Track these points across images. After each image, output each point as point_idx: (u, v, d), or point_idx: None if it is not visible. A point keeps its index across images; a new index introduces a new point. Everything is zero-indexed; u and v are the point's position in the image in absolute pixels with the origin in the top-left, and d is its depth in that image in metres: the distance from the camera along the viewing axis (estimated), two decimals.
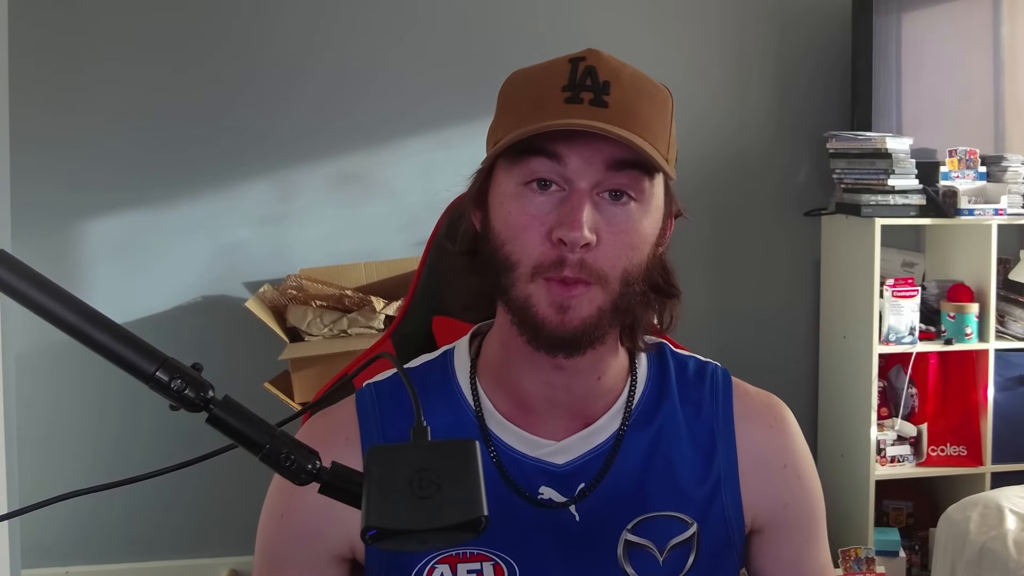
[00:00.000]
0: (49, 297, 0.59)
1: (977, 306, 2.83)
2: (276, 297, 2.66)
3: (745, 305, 3.17)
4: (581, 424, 0.93)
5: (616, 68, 0.86)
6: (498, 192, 0.88)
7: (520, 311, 0.85)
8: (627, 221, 0.85)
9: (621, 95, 0.84)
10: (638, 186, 0.85)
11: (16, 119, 2.29)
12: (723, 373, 1.00)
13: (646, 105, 0.86)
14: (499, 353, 0.93)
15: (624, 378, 0.96)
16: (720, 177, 3.11)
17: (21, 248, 2.56)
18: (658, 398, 0.96)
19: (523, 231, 0.84)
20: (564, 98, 0.84)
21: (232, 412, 0.62)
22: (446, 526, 0.58)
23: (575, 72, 0.85)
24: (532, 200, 0.84)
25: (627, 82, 0.86)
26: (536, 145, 0.83)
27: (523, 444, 0.92)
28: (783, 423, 0.99)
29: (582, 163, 0.83)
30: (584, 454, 0.91)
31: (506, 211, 0.86)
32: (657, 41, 3.08)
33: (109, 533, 2.89)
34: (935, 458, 2.90)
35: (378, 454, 0.62)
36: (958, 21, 3.01)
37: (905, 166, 2.78)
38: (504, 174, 0.87)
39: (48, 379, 2.83)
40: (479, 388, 0.94)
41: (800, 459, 0.99)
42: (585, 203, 0.82)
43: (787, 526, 0.97)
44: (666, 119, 0.89)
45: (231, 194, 2.92)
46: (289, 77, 2.92)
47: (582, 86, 0.84)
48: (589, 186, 0.83)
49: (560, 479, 0.91)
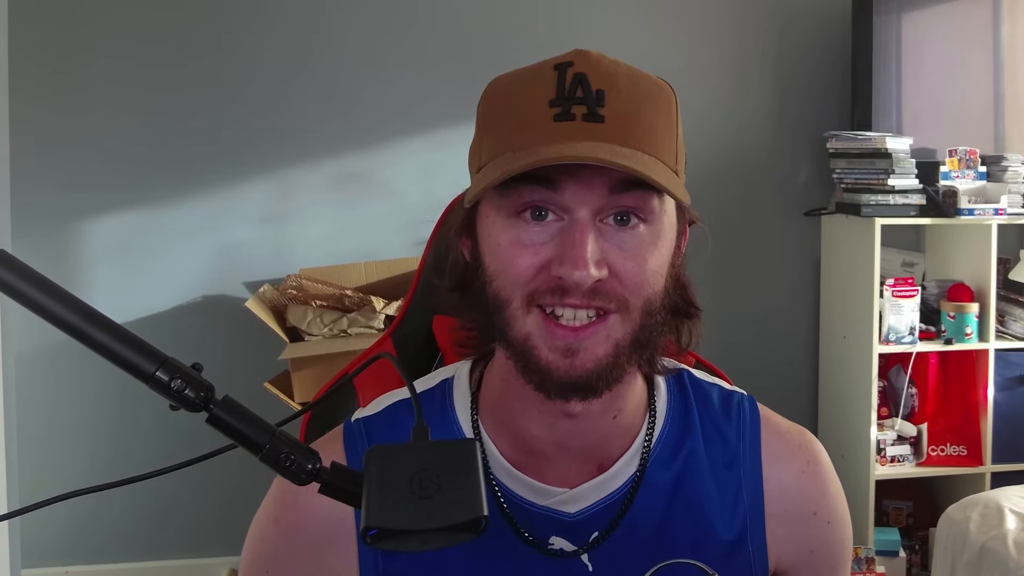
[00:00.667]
0: (49, 297, 0.59)
1: (977, 306, 2.83)
2: (276, 297, 2.66)
3: (745, 305, 3.17)
4: (595, 468, 0.84)
5: (610, 71, 0.75)
6: (486, 223, 0.77)
7: (520, 355, 0.75)
8: (639, 246, 0.74)
9: (618, 104, 0.73)
10: (647, 206, 0.74)
11: (16, 119, 2.29)
12: (750, 404, 0.91)
13: (648, 111, 0.75)
14: (501, 393, 0.83)
15: (643, 413, 0.86)
16: (720, 177, 3.11)
17: (21, 248, 2.56)
18: (680, 434, 0.87)
19: (513, 263, 0.74)
20: (553, 115, 0.73)
21: (232, 412, 0.62)
22: (446, 526, 0.58)
23: (563, 82, 0.73)
24: (525, 230, 0.74)
25: (624, 87, 0.75)
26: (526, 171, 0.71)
27: (531, 493, 0.83)
28: (817, 467, 0.90)
29: (580, 188, 0.72)
30: (598, 501, 0.83)
31: (495, 244, 0.75)
32: (657, 41, 3.08)
33: (109, 533, 2.89)
34: (935, 458, 2.90)
35: (378, 454, 0.62)
36: (958, 21, 3.01)
37: (905, 166, 2.78)
38: (491, 204, 0.76)
39: (48, 379, 2.83)
40: (482, 431, 0.85)
41: (832, 504, 0.90)
42: (588, 234, 0.72)
43: (811, 568, 0.91)
44: (671, 121, 0.78)
45: (231, 194, 2.92)
46: (289, 77, 2.92)
47: (572, 98, 0.73)
48: (591, 213, 0.73)
49: (572, 528, 0.83)
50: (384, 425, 0.87)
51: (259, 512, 0.88)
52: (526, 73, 0.77)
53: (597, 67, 0.75)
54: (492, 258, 0.76)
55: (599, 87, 0.74)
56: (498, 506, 0.83)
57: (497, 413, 0.85)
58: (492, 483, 0.84)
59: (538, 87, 0.75)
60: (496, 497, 0.83)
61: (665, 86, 0.80)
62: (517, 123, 0.75)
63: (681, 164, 0.79)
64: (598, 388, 0.75)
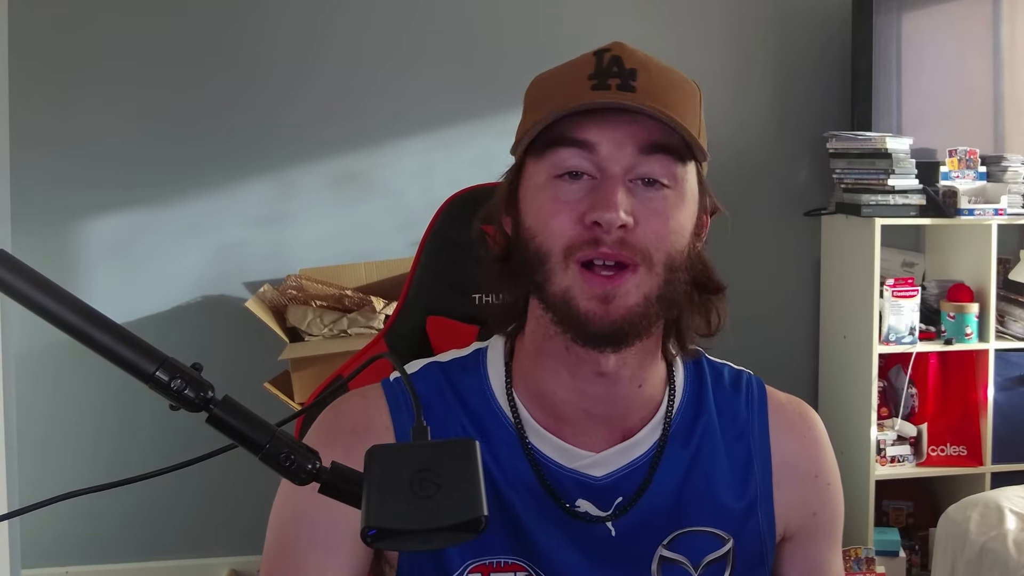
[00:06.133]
0: (49, 297, 0.59)
1: (977, 306, 2.83)
2: (276, 297, 2.66)
3: (745, 305, 3.16)
4: (620, 436, 0.89)
5: (643, 59, 0.84)
6: (528, 187, 0.86)
7: (560, 307, 0.82)
8: (664, 205, 0.82)
9: (649, 82, 0.82)
10: (671, 172, 0.83)
11: (16, 118, 2.29)
12: (757, 383, 0.98)
13: (675, 94, 0.84)
14: (533, 361, 0.90)
15: (663, 388, 0.93)
16: (720, 177, 3.07)
17: (21, 248, 2.56)
18: (696, 410, 0.93)
19: (553, 218, 0.82)
20: (591, 86, 0.82)
21: (232, 412, 0.62)
22: (446, 526, 0.58)
23: (601, 62, 0.83)
24: (563, 188, 0.82)
25: (655, 71, 0.84)
26: (564, 135, 0.82)
27: (560, 455, 0.88)
28: (816, 432, 0.98)
29: (613, 148, 0.81)
30: (623, 467, 0.89)
31: (537, 204, 0.84)
32: (657, 41, 3.07)
33: (109, 533, 2.89)
34: (935, 458, 2.90)
35: (378, 454, 0.62)
36: (958, 21, 3.01)
37: (905, 166, 2.78)
38: (533, 169, 0.85)
39: (48, 379, 2.83)
40: (515, 397, 0.91)
41: (830, 466, 0.98)
42: (619, 186, 0.80)
43: (814, 533, 0.97)
44: (695, 107, 0.87)
45: (231, 194, 2.92)
46: (288, 77, 2.92)
47: (608, 73, 0.82)
48: (622, 171, 0.81)
49: (597, 492, 0.88)
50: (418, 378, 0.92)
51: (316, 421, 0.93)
52: (568, 62, 0.87)
53: (632, 53, 0.85)
54: (534, 218, 0.84)
55: (632, 67, 0.83)
56: (532, 465, 0.88)
57: (528, 379, 0.90)
58: (527, 444, 0.89)
59: (579, 67, 0.84)
60: (530, 456, 0.88)
61: (692, 82, 0.89)
62: (559, 95, 0.83)
63: (705, 144, 0.87)
64: (629, 335, 0.82)
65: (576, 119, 0.82)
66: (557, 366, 0.87)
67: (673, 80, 0.85)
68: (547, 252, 0.82)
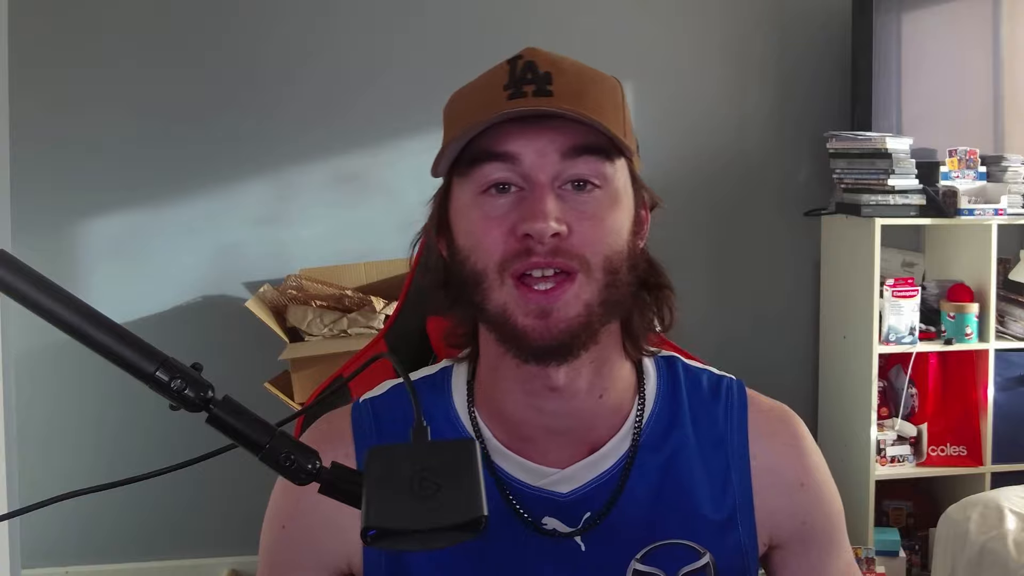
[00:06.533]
0: (49, 297, 0.59)
1: (977, 306, 2.83)
2: (276, 297, 2.66)
3: (745, 305, 3.17)
4: (587, 449, 0.87)
5: (557, 60, 0.82)
6: (457, 208, 0.84)
7: (500, 324, 0.80)
8: (596, 207, 0.80)
9: (565, 83, 0.80)
10: (600, 172, 0.80)
11: (16, 118, 2.29)
12: (739, 387, 0.95)
13: (594, 90, 0.82)
14: (490, 381, 0.88)
15: (632, 395, 0.90)
16: (720, 177, 3.11)
17: (21, 248, 2.56)
18: (670, 417, 0.90)
19: (484, 235, 0.80)
20: (507, 95, 0.79)
21: (232, 412, 0.62)
22: (446, 526, 0.58)
23: (515, 69, 0.81)
24: (492, 204, 0.80)
25: (570, 71, 0.82)
26: (486, 149, 0.80)
27: (525, 474, 0.86)
28: (799, 439, 0.94)
29: (536, 156, 0.79)
30: (590, 481, 0.86)
31: (467, 223, 0.82)
32: (657, 41, 3.08)
33: (109, 533, 2.89)
34: (935, 458, 2.90)
35: (378, 454, 0.62)
36: (958, 21, 3.01)
37: (905, 166, 2.78)
38: (459, 188, 0.83)
39: (48, 379, 2.83)
40: (478, 418, 0.89)
41: (816, 474, 0.94)
42: (547, 194, 0.78)
43: (807, 541, 0.94)
44: (617, 103, 0.84)
45: (231, 194, 2.92)
46: (287, 77, 2.92)
47: (523, 80, 0.80)
48: (549, 179, 0.79)
49: (565, 508, 0.86)
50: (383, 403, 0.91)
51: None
52: (482, 75, 0.85)
53: (546, 57, 0.82)
54: (465, 238, 0.82)
55: (547, 70, 0.81)
56: (497, 485, 0.86)
57: (488, 400, 0.89)
58: (491, 464, 0.87)
59: (493, 80, 0.82)
60: (495, 477, 0.87)
61: (611, 78, 0.86)
62: (475, 109, 0.81)
63: (631, 140, 0.84)
64: (573, 347, 0.79)
65: (496, 131, 0.80)
66: (512, 385, 0.85)
67: (591, 77, 0.83)
68: (482, 270, 0.80)
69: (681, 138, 3.07)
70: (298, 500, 0.88)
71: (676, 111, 3.07)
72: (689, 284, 3.11)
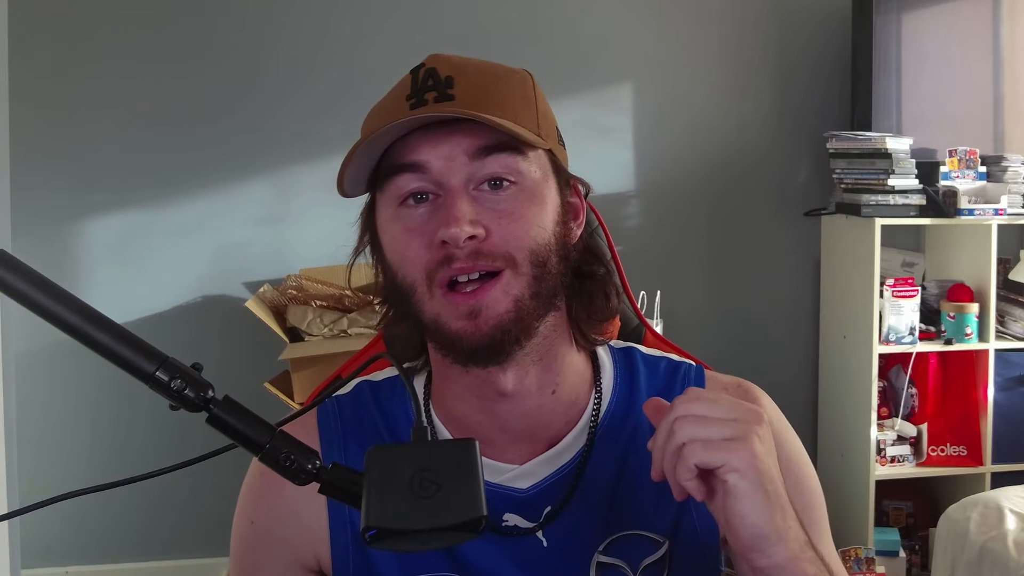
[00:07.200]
0: (49, 297, 0.59)
1: (977, 306, 2.83)
2: (276, 297, 2.66)
3: (745, 305, 3.17)
4: (544, 444, 0.87)
5: (459, 64, 0.82)
6: (381, 223, 0.85)
7: (435, 332, 0.81)
8: (512, 204, 0.80)
9: (467, 85, 0.80)
10: (512, 168, 0.80)
11: (16, 118, 2.29)
12: (697, 371, 0.94)
13: (499, 86, 0.82)
14: (443, 387, 0.89)
15: (588, 388, 0.90)
16: (720, 177, 3.11)
17: (21, 248, 2.55)
18: (626, 408, 0.90)
19: (407, 247, 0.80)
20: (409, 105, 0.80)
21: (232, 412, 0.62)
22: (446, 526, 0.58)
23: (416, 79, 0.81)
24: (410, 215, 0.81)
25: (472, 72, 0.81)
26: (396, 162, 0.80)
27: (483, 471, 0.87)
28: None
29: (444, 162, 0.79)
30: (548, 476, 0.86)
31: (390, 237, 0.83)
32: (657, 41, 3.08)
33: (109, 533, 2.89)
34: (935, 458, 2.90)
35: (378, 454, 0.62)
36: (958, 21, 3.01)
37: (905, 166, 2.78)
38: (380, 203, 0.84)
39: (48, 379, 2.83)
40: (435, 420, 0.90)
41: (782, 444, 0.87)
42: (460, 198, 0.78)
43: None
44: (527, 95, 0.84)
45: (231, 194, 2.92)
46: (287, 78, 2.92)
47: (424, 87, 0.80)
48: (461, 183, 0.79)
49: (524, 504, 0.86)
50: (348, 403, 0.92)
51: (249, 468, 0.93)
52: (392, 88, 0.85)
53: (447, 62, 0.82)
54: (391, 252, 0.83)
55: (448, 75, 0.81)
56: None
57: (443, 404, 0.90)
58: None
59: (397, 91, 0.83)
60: None
61: (520, 71, 0.86)
62: (382, 123, 0.80)
63: (546, 130, 0.84)
64: (506, 343, 0.79)
65: (405, 142, 0.80)
66: (462, 390, 0.86)
67: (494, 74, 0.83)
68: (411, 283, 0.81)
69: (681, 138, 3.07)
70: (265, 496, 0.89)
71: (676, 111, 3.07)
72: (689, 284, 3.11)
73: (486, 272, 0.78)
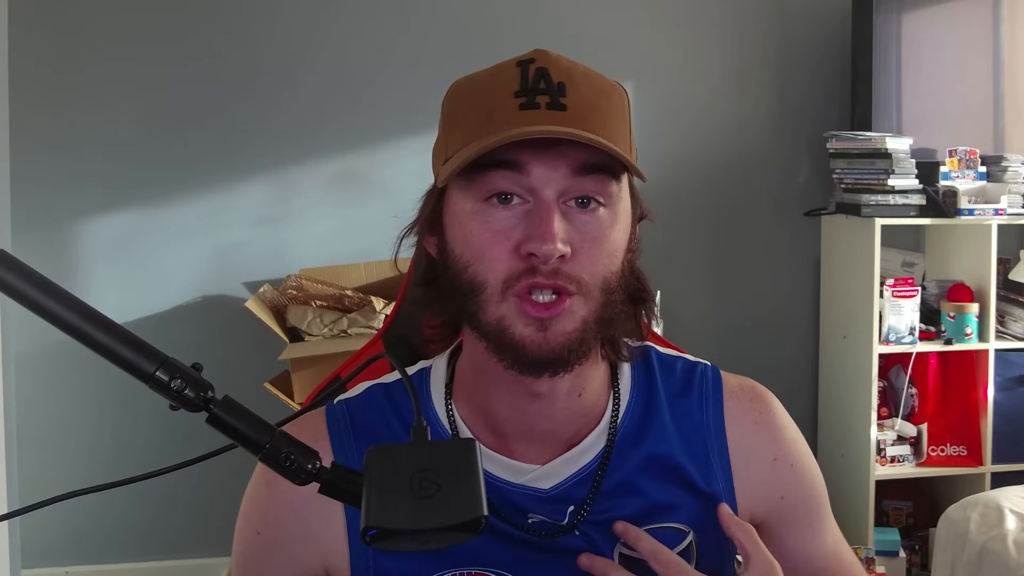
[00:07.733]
0: (49, 297, 0.59)
1: (977, 306, 2.83)
2: (276, 297, 2.66)
3: (745, 305, 3.17)
4: (565, 446, 0.88)
5: (568, 68, 0.81)
6: (455, 212, 0.82)
7: (495, 335, 0.80)
8: (599, 228, 0.79)
9: (578, 96, 0.79)
10: (606, 191, 0.79)
11: (16, 118, 2.29)
12: (713, 373, 0.96)
13: (604, 104, 0.81)
14: (472, 380, 0.88)
15: (607, 393, 0.91)
16: (720, 177, 3.11)
17: (21, 248, 2.56)
18: (646, 408, 0.91)
19: (488, 248, 0.78)
20: (518, 104, 0.78)
21: (232, 412, 0.62)
22: (446, 526, 0.58)
23: (526, 75, 0.79)
24: (494, 216, 0.78)
25: (582, 81, 0.80)
26: (494, 157, 0.77)
27: (506, 471, 0.87)
28: (769, 415, 0.95)
29: (546, 170, 0.77)
30: (571, 476, 0.87)
31: (466, 231, 0.80)
32: (657, 41, 3.08)
33: (109, 533, 2.89)
34: (935, 458, 2.90)
35: (378, 454, 0.62)
36: (958, 21, 3.01)
37: (905, 166, 2.78)
38: (459, 192, 0.81)
39: (48, 379, 2.83)
40: (455, 415, 0.89)
41: (790, 447, 0.95)
42: (554, 213, 0.77)
43: (787, 516, 0.95)
44: (624, 117, 0.84)
45: (231, 194, 2.92)
46: (288, 77, 2.92)
47: (536, 90, 0.78)
48: (555, 195, 0.78)
49: (548, 504, 0.87)
50: (358, 406, 0.91)
51: (252, 478, 0.92)
52: (489, 71, 0.83)
53: (557, 63, 0.81)
54: (464, 246, 0.80)
55: (560, 80, 0.79)
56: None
57: (470, 400, 0.89)
58: None
59: (502, 82, 0.81)
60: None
61: (618, 86, 0.85)
62: (484, 115, 0.79)
63: (634, 156, 0.84)
64: (569, 361, 0.80)
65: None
66: (497, 386, 0.86)
67: (602, 89, 0.82)
68: (482, 283, 0.79)
69: (681, 138, 3.07)
70: (272, 507, 0.89)
71: (676, 111, 3.07)
72: (689, 284, 3.11)
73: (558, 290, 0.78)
